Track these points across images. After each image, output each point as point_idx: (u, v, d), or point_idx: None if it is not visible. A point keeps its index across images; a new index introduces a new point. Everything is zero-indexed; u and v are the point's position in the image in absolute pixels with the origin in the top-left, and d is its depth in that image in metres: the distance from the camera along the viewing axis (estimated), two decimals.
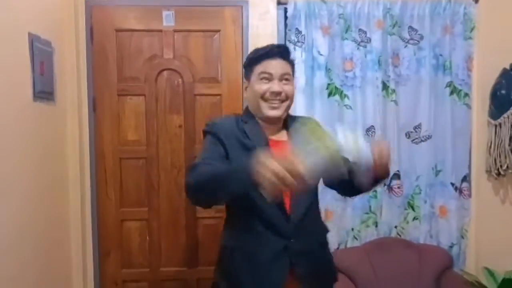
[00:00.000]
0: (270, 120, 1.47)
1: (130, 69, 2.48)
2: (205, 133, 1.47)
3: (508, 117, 2.30)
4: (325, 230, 1.59)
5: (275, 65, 1.44)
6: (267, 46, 1.49)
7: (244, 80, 1.54)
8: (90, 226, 2.48)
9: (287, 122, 1.53)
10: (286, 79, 1.46)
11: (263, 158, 1.06)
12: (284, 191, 1.12)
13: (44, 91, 2.06)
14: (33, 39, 1.96)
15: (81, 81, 2.42)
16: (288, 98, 1.47)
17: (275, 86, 1.43)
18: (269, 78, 1.44)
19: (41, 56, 2.03)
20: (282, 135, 1.51)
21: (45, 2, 2.15)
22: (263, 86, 1.44)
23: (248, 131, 1.44)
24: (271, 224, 1.39)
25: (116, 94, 2.48)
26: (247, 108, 1.55)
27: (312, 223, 1.50)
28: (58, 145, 2.29)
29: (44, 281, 2.07)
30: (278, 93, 1.43)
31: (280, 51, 1.48)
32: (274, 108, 1.44)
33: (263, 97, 1.44)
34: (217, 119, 1.55)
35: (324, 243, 1.57)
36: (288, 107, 1.49)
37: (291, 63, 1.52)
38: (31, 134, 1.96)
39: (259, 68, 1.45)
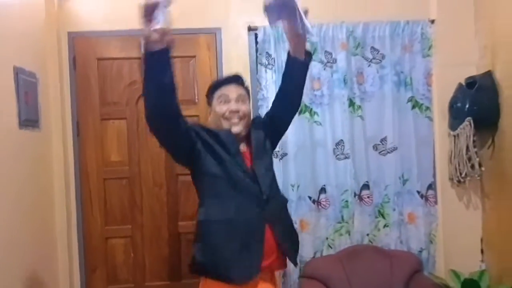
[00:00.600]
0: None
1: (112, 94, 2.64)
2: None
3: (464, 128, 2.48)
4: (286, 199, 1.93)
5: (231, 89, 1.72)
6: (225, 76, 1.79)
7: (208, 106, 1.73)
8: (76, 244, 2.60)
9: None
10: (242, 100, 1.72)
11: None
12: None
13: (29, 119, 2.21)
14: (18, 72, 2.12)
15: (65, 108, 2.57)
16: (246, 116, 1.73)
17: (233, 105, 1.70)
18: (227, 100, 1.70)
19: (25, 87, 2.18)
20: (243, 148, 1.75)
21: (29, 35, 2.31)
22: (223, 107, 1.70)
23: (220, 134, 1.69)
24: (249, 194, 1.62)
25: (99, 118, 2.64)
26: None
27: (276, 193, 1.79)
28: (44, 168, 2.42)
29: None
30: (236, 111, 1.69)
31: (235, 79, 1.77)
32: (234, 124, 1.69)
33: (224, 116, 1.70)
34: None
35: (286, 209, 1.87)
36: (247, 123, 1.74)
37: (246, 89, 1.80)
38: (17, 159, 2.10)
39: (218, 93, 1.73)
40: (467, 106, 2.46)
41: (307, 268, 2.59)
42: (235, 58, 2.66)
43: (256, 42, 2.66)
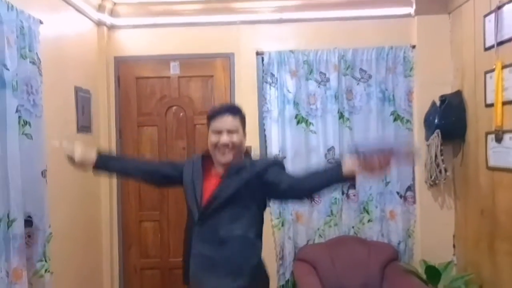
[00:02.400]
0: (223, 164, 1.78)
1: (146, 106, 3.30)
2: None
3: (433, 139, 2.91)
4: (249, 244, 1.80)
5: (225, 121, 1.75)
6: (221, 106, 1.89)
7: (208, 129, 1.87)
8: (116, 226, 3.28)
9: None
10: (234, 131, 1.76)
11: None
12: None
13: (84, 126, 2.90)
14: (77, 90, 2.82)
15: (110, 117, 3.26)
16: (236, 146, 1.75)
17: (224, 138, 1.74)
18: (219, 132, 1.75)
19: (82, 101, 2.88)
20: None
21: (85, 61, 3.01)
22: (215, 139, 1.76)
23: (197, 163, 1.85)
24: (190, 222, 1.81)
25: (136, 125, 3.31)
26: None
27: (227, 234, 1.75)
28: None
29: (84, 264, 2.86)
30: (226, 145, 1.74)
31: (229, 109, 1.81)
32: (223, 154, 1.76)
33: (215, 146, 1.76)
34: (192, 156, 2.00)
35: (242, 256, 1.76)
36: (238, 152, 1.78)
37: (241, 118, 1.81)
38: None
39: (212, 124, 1.79)
40: (436, 120, 2.90)
41: (300, 253, 3.12)
42: (245, 78, 3.24)
43: (262, 64, 3.23)
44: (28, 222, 2.17)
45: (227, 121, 1.77)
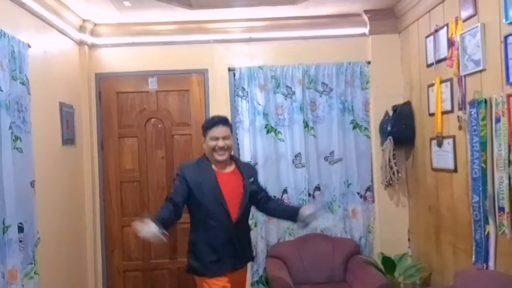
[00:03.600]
0: (220, 162, 2.38)
1: (127, 119, 3.54)
2: (177, 174, 2.42)
3: (387, 145, 3.28)
4: (250, 230, 2.59)
5: (219, 131, 2.34)
6: (215, 119, 2.41)
7: (203, 137, 2.42)
8: (99, 230, 3.49)
9: (232, 159, 2.47)
10: (227, 137, 2.36)
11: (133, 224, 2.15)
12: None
13: (68, 139, 3.12)
14: (62, 106, 3.04)
15: (93, 130, 3.49)
16: (229, 148, 2.37)
17: (220, 143, 2.33)
18: (216, 138, 2.33)
19: (66, 116, 3.10)
20: (229, 169, 2.42)
21: (68, 77, 3.23)
22: (213, 143, 2.34)
23: (204, 167, 2.38)
24: (217, 224, 2.32)
25: (117, 137, 3.54)
26: (204, 153, 2.43)
27: (244, 226, 2.46)
28: (78, 174, 3.34)
29: (69, 266, 3.07)
30: (223, 148, 2.34)
31: (222, 121, 2.38)
32: (221, 155, 2.35)
33: (214, 149, 2.34)
34: (184, 164, 2.49)
35: (249, 237, 2.55)
36: (230, 152, 2.39)
37: (229, 126, 2.42)
38: (61, 166, 3.01)
39: (210, 133, 2.35)
40: (389, 127, 3.26)
41: (272, 250, 3.42)
42: (219, 91, 3.53)
43: (234, 79, 3.53)
44: (20, 228, 2.37)
45: (221, 130, 2.37)
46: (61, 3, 2.96)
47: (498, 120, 2.20)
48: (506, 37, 2.10)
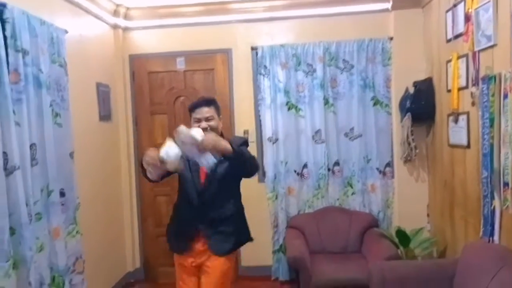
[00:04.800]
0: None
1: (158, 97, 3.81)
2: None
3: (405, 121, 3.30)
4: (237, 211, 2.29)
5: (201, 112, 2.18)
6: (199, 100, 2.28)
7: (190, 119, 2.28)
8: (135, 199, 3.84)
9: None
10: (210, 118, 2.18)
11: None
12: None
13: (105, 115, 3.44)
14: (98, 86, 3.35)
15: (127, 107, 3.79)
16: (214, 129, 2.15)
17: (203, 124, 2.14)
18: (199, 120, 2.18)
19: (103, 94, 3.41)
20: None
21: (104, 58, 3.53)
22: (195, 126, 2.14)
23: None
24: (189, 196, 2.22)
25: (150, 114, 3.83)
26: None
27: (221, 204, 2.21)
28: (114, 147, 3.68)
29: (108, 229, 3.44)
30: (205, 129, 2.10)
31: (204, 102, 2.23)
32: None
33: None
34: None
35: (234, 220, 2.25)
36: (217, 133, 2.12)
37: (215, 106, 2.23)
38: (98, 141, 3.34)
39: (193, 115, 2.21)
40: (408, 104, 3.28)
41: (292, 221, 3.61)
42: (242, 70, 3.69)
43: (257, 58, 3.67)
44: (61, 193, 2.72)
45: (204, 111, 2.20)
46: None
47: (506, 96, 2.20)
48: None
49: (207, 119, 2.20)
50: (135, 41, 3.80)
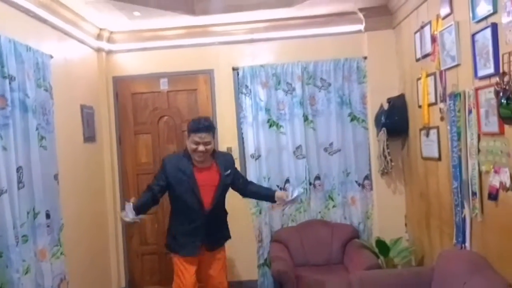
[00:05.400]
0: (198, 162, 2.65)
1: (141, 117, 3.89)
2: (162, 162, 2.77)
3: (381, 135, 3.46)
4: (226, 214, 2.86)
5: (201, 137, 2.56)
6: (200, 125, 2.59)
7: (187, 134, 2.70)
8: (119, 218, 3.85)
9: (214, 155, 2.74)
10: (207, 142, 2.59)
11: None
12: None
13: (89, 136, 3.49)
14: (82, 107, 3.41)
15: (111, 128, 3.85)
16: (208, 151, 2.61)
17: (200, 147, 2.57)
18: (197, 143, 2.57)
19: (87, 116, 3.46)
20: (207, 164, 2.67)
21: (88, 80, 3.60)
22: (194, 146, 2.59)
23: (184, 162, 2.67)
24: (191, 211, 2.65)
25: (133, 133, 3.89)
26: (186, 148, 2.68)
27: (218, 212, 2.74)
28: (99, 168, 3.71)
29: (91, 248, 3.45)
30: (202, 151, 2.58)
31: (205, 128, 2.59)
32: (199, 157, 2.62)
33: (194, 151, 2.60)
34: (168, 156, 2.84)
35: (224, 221, 2.84)
36: (209, 153, 2.64)
37: (212, 132, 2.66)
38: (83, 162, 3.38)
39: (192, 136, 2.59)
40: (382, 119, 3.45)
41: (275, 235, 3.70)
42: (224, 90, 3.82)
43: (238, 78, 3.80)
44: (47, 215, 2.74)
45: (203, 136, 2.57)
46: (78, 15, 3.30)
47: (470, 112, 2.37)
48: (473, 35, 2.27)
49: (205, 144, 2.56)
50: (119, 64, 3.88)
